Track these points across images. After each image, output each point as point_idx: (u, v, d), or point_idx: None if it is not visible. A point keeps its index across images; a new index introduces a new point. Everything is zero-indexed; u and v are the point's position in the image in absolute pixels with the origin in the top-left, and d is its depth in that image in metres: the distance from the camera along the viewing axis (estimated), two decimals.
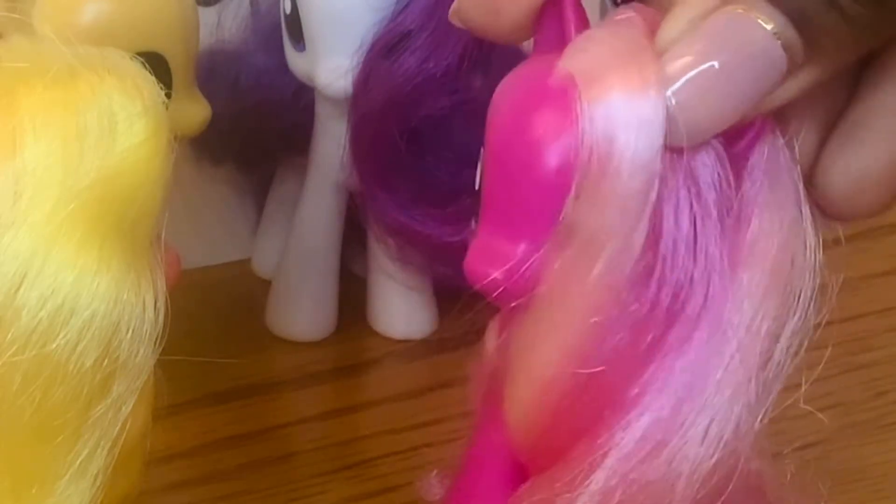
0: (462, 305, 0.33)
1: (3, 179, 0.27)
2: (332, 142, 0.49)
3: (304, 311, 0.52)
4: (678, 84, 0.27)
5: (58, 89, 0.28)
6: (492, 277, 0.30)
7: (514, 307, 0.30)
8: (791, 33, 0.27)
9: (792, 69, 0.28)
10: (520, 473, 0.32)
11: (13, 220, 0.27)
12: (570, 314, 0.29)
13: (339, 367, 0.52)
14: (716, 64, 0.27)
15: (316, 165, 0.50)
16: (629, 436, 0.29)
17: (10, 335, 0.27)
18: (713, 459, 0.29)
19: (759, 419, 0.30)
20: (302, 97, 0.50)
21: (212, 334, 0.52)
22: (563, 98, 0.29)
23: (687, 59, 0.27)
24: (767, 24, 0.27)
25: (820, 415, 0.49)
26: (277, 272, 0.53)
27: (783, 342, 0.30)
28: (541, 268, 0.30)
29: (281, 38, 0.48)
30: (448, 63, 0.45)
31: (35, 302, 0.27)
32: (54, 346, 0.27)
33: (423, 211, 0.48)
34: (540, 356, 0.30)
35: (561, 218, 0.29)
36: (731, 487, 0.30)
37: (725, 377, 0.29)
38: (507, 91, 0.31)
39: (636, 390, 0.29)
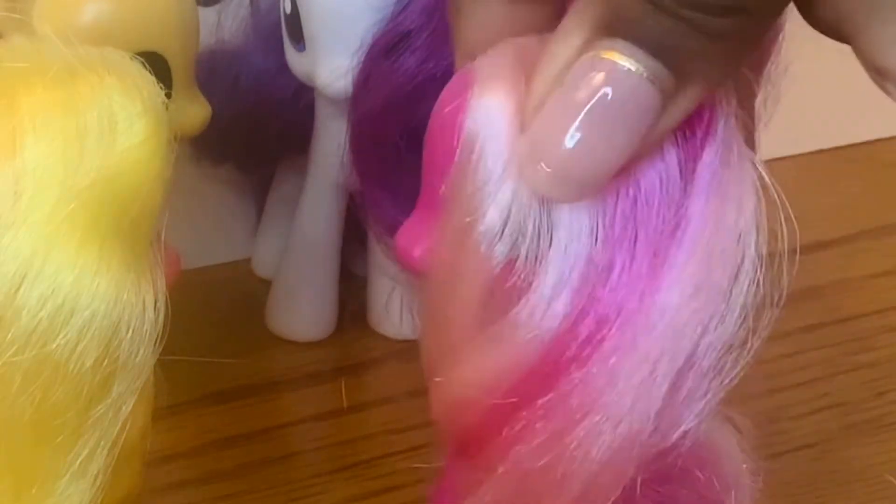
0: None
1: (3, 179, 0.27)
2: (332, 142, 0.49)
3: (304, 311, 0.52)
4: (551, 156, 0.27)
5: (58, 89, 0.28)
6: (411, 256, 0.31)
7: None
8: (655, 66, 0.26)
9: (667, 98, 0.27)
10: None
11: (13, 220, 0.27)
12: (461, 305, 0.29)
13: (339, 367, 0.52)
14: (585, 121, 0.27)
15: (316, 165, 0.50)
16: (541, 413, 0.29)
17: (10, 335, 0.27)
18: (648, 428, 0.29)
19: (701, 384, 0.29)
20: (302, 97, 0.50)
21: (212, 334, 0.52)
22: (463, 90, 0.30)
23: (556, 125, 0.27)
24: (629, 63, 0.26)
25: (820, 415, 0.49)
26: (277, 272, 0.53)
27: (712, 336, 0.29)
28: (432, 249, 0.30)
29: (281, 38, 0.48)
30: (448, 63, 0.45)
31: (35, 302, 0.27)
32: (54, 345, 0.27)
33: None
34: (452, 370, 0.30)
35: (441, 195, 0.30)
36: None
37: (652, 343, 0.29)
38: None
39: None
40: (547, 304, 0.29)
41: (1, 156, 0.27)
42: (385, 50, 0.45)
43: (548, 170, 0.27)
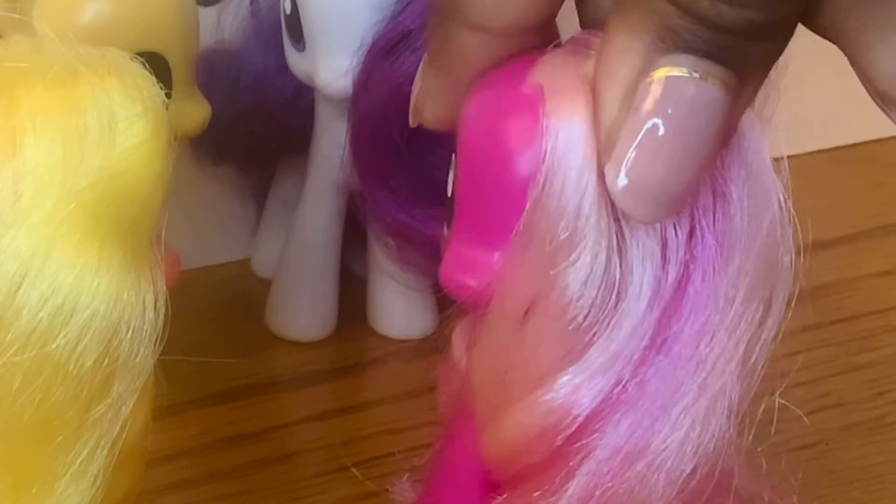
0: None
1: (3, 179, 0.27)
2: (332, 142, 0.49)
3: (304, 311, 0.52)
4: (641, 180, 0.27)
5: (58, 89, 0.28)
6: (468, 287, 0.30)
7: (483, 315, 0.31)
8: (717, 70, 0.27)
9: (734, 98, 0.27)
10: (491, 480, 0.32)
11: (13, 219, 0.27)
12: (534, 338, 0.29)
13: (339, 367, 0.52)
14: (664, 140, 0.27)
15: (316, 165, 0.50)
16: (606, 442, 0.29)
17: (10, 335, 0.27)
18: (691, 465, 0.29)
19: (735, 422, 0.30)
20: (302, 97, 0.49)
21: (212, 334, 0.52)
22: (533, 109, 0.29)
23: (642, 151, 0.27)
24: (693, 73, 0.27)
25: (820, 415, 0.49)
26: (277, 272, 0.53)
27: (761, 344, 0.30)
28: (501, 278, 0.30)
29: (281, 38, 0.48)
30: None
31: (35, 302, 0.27)
32: (54, 345, 0.27)
33: (423, 211, 0.48)
34: (519, 404, 0.30)
35: (517, 228, 0.29)
36: (711, 488, 0.30)
37: (705, 383, 0.29)
38: (480, 98, 0.31)
39: (617, 400, 0.29)
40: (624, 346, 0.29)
41: (1, 156, 0.27)
42: (385, 50, 0.45)
43: (638, 194, 0.27)
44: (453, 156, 0.32)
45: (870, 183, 0.65)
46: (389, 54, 0.45)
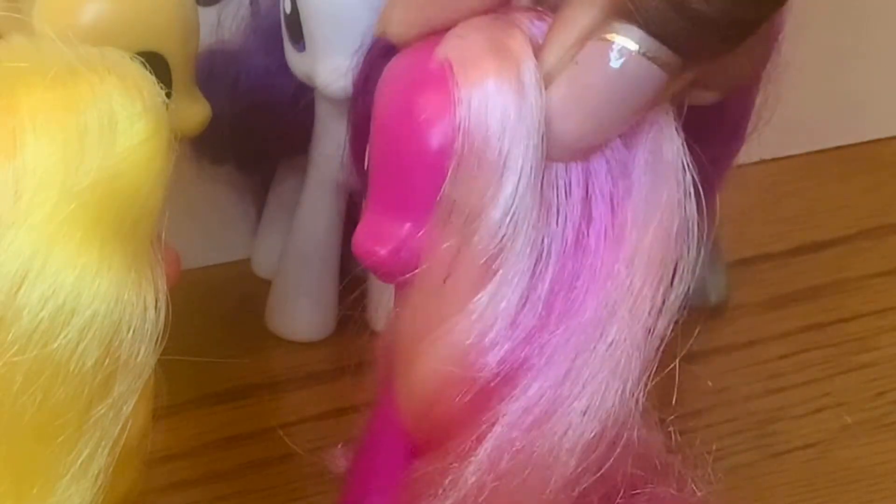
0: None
1: (3, 179, 0.27)
2: (332, 142, 0.49)
3: (304, 311, 0.52)
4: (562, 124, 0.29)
5: (58, 89, 0.28)
6: (378, 255, 0.31)
7: (401, 284, 0.32)
8: (663, 51, 0.28)
9: (671, 77, 0.29)
10: (412, 449, 0.34)
11: (14, 219, 0.27)
12: (452, 296, 0.30)
13: (339, 367, 0.51)
14: (592, 97, 0.29)
15: (316, 165, 0.50)
16: (515, 406, 0.30)
17: (10, 335, 0.27)
18: (597, 429, 0.30)
19: (642, 390, 0.31)
20: (302, 97, 0.49)
21: (212, 334, 0.52)
22: (443, 82, 0.30)
23: (568, 99, 0.29)
24: (640, 48, 0.28)
25: (820, 415, 0.49)
26: (277, 272, 0.53)
27: (664, 315, 0.31)
28: (424, 246, 0.31)
29: (281, 38, 0.48)
30: None
31: (36, 302, 0.27)
32: (55, 346, 0.27)
33: None
34: (428, 349, 0.31)
35: (438, 199, 0.30)
36: (615, 455, 0.31)
37: (609, 351, 0.30)
38: (392, 75, 0.32)
39: (523, 364, 0.30)
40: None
41: (1, 156, 0.27)
42: (385, 50, 0.45)
43: (554, 134, 0.29)
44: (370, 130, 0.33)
45: (870, 183, 0.65)
46: (389, 54, 0.45)
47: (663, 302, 0.31)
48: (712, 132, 0.36)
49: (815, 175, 0.65)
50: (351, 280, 0.54)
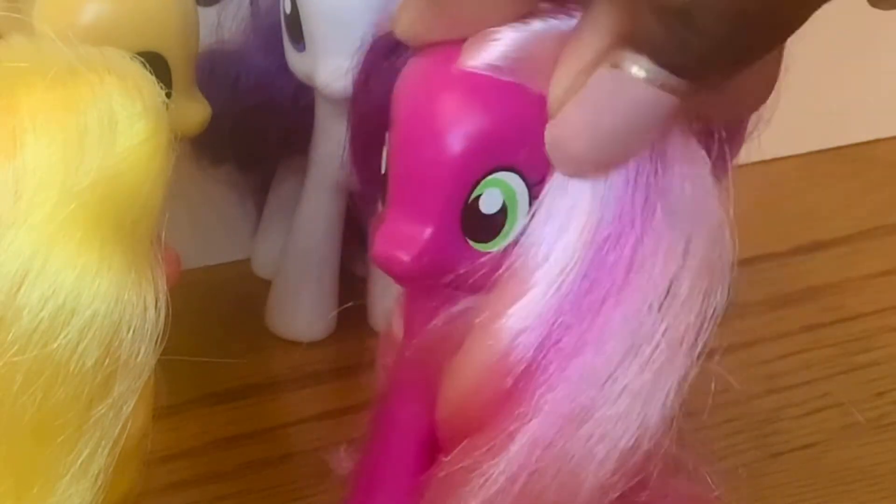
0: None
1: (3, 179, 0.27)
2: (332, 142, 0.48)
3: (304, 311, 0.52)
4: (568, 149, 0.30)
5: (58, 89, 0.28)
6: (402, 261, 0.31)
7: (421, 290, 0.32)
8: (673, 80, 0.28)
9: (678, 103, 0.29)
10: (426, 447, 0.34)
11: (14, 219, 0.27)
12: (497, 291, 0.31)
13: (339, 367, 0.52)
14: (601, 124, 0.29)
15: (316, 165, 0.50)
16: (550, 405, 0.30)
17: (11, 335, 0.27)
18: (635, 436, 0.30)
19: (678, 403, 0.31)
20: (302, 97, 0.49)
21: (212, 334, 0.52)
22: (469, 87, 0.30)
23: (576, 124, 0.30)
24: (650, 76, 0.28)
25: (820, 415, 0.49)
26: (277, 272, 0.53)
27: (706, 326, 0.31)
28: (446, 251, 0.31)
29: (281, 38, 0.48)
30: None
31: (36, 302, 0.27)
32: (55, 345, 0.27)
33: None
34: (470, 343, 0.31)
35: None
36: (651, 469, 0.31)
37: (652, 358, 0.30)
38: (413, 79, 0.32)
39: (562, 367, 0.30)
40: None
41: (1, 156, 0.27)
42: (385, 50, 0.45)
43: (564, 156, 0.30)
44: (387, 133, 0.33)
45: (870, 183, 0.65)
46: (389, 54, 0.45)
47: (703, 320, 0.31)
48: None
49: (815, 175, 0.65)
50: (351, 280, 0.54)
